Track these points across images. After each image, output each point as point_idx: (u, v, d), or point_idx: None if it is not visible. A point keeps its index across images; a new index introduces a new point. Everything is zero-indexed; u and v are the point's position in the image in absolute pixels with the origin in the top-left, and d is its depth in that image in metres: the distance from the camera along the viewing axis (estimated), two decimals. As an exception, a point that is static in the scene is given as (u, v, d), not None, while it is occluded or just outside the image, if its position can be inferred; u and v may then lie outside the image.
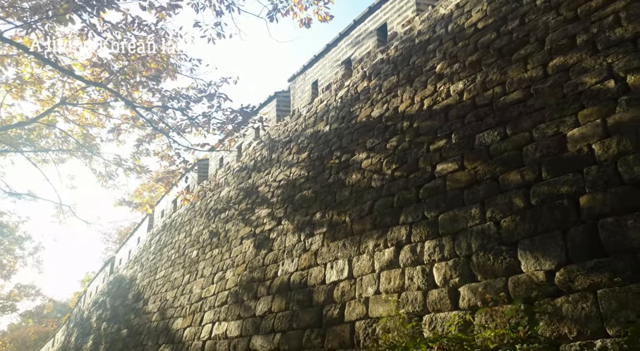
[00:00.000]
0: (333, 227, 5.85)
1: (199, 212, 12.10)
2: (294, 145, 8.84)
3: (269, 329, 5.84)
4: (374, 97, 6.90)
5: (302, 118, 9.32)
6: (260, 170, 9.85)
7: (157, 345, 8.99)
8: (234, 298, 7.23)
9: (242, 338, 6.34)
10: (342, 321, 4.74)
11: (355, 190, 5.88)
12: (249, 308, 6.63)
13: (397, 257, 4.51)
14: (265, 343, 5.72)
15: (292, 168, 8.29)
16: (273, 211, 7.95)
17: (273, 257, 6.93)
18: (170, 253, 12.27)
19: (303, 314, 5.38)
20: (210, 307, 7.85)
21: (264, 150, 10.23)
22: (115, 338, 12.19)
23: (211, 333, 7.26)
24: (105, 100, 10.50)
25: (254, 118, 8.73)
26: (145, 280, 12.94)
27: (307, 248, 6.13)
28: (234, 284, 7.57)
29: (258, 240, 7.76)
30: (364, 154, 6.21)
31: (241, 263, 7.84)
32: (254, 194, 9.31)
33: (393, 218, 4.86)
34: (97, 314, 18.10)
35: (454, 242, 3.99)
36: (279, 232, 7.28)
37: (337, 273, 5.22)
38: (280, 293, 6.11)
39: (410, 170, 5.07)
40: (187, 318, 8.45)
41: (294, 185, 7.83)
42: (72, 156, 12.92)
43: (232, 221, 9.47)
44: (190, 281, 9.58)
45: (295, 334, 5.30)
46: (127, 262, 18.12)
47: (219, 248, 9.25)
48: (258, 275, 6.96)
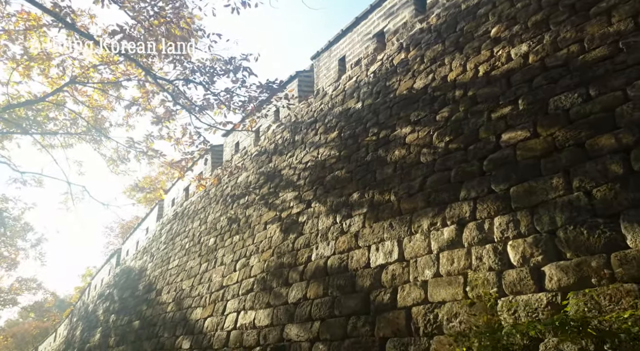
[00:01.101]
0: (375, 207, 5.47)
1: (215, 199, 11.75)
2: (320, 125, 8.45)
3: (305, 317, 5.48)
4: (415, 68, 6.48)
5: (327, 97, 8.91)
6: (282, 153, 9.46)
7: (174, 336, 8.67)
8: (261, 285, 6.87)
9: (273, 327, 5.99)
10: (395, 307, 4.37)
11: (400, 166, 5.48)
12: (279, 295, 6.27)
13: (459, 236, 4.12)
14: (302, 332, 5.37)
15: (320, 149, 7.90)
16: (300, 194, 7.57)
17: (304, 241, 6.56)
18: (183, 242, 11.94)
19: (345, 300, 5.01)
20: (234, 296, 7.51)
21: (286, 133, 9.84)
22: (126, 330, 11.90)
23: (236, 323, 6.92)
24: (117, 80, 10.13)
25: (279, 95, 8.32)
26: (157, 270, 12.63)
27: (345, 231, 5.75)
28: (260, 270, 7.21)
29: (285, 225, 7.39)
30: (407, 128, 5.80)
31: (267, 249, 7.48)
32: (276, 178, 8.93)
33: (451, 194, 4.46)
34: (103, 307, 17.87)
35: (533, 216, 3.59)
36: (309, 214, 6.91)
37: (385, 256, 4.84)
38: (315, 279, 5.74)
39: (468, 142, 4.67)
40: (208, 308, 8.12)
41: (323, 166, 7.44)
42: (80, 140, 12.58)
43: (254, 206, 9.10)
44: (208, 270, 9.24)
45: (338, 322, 4.93)
46: (135, 253, 17.85)
47: (240, 234, 8.89)
48: (288, 261, 6.60)
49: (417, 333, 3.99)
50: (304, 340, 5.29)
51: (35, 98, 9.18)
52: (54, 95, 9.67)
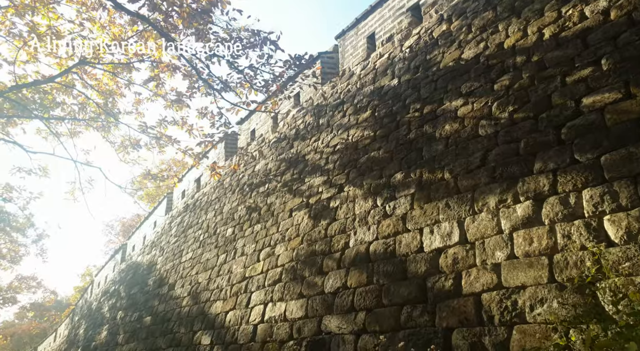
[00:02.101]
0: (425, 187, 5.03)
1: (230, 189, 11.34)
2: (349, 107, 8.01)
3: (347, 307, 5.05)
4: (462, 38, 6.03)
5: (355, 77, 8.47)
6: (305, 138, 9.04)
7: (191, 332, 8.26)
8: (290, 275, 6.45)
9: (308, 319, 5.56)
10: (459, 294, 3.94)
11: (453, 142, 5.04)
12: (313, 285, 5.84)
13: (537, 212, 3.68)
14: (345, 324, 4.94)
15: (350, 130, 7.47)
16: (330, 178, 7.14)
17: (339, 226, 6.13)
18: (197, 233, 11.53)
19: (396, 288, 4.58)
20: (259, 287, 7.09)
21: (308, 117, 9.41)
22: (136, 326, 11.51)
23: (263, 316, 6.50)
24: (129, 61, 9.71)
25: (305, 73, 7.89)
26: (168, 264, 12.23)
27: (389, 214, 5.32)
28: (288, 260, 6.79)
29: (314, 211, 6.96)
30: (458, 101, 5.36)
31: (294, 237, 7.06)
32: (300, 163, 8.50)
33: (523, 167, 4.02)
34: (109, 304, 17.50)
35: (636, 186, 3.15)
36: (342, 199, 6.48)
37: (442, 239, 4.40)
38: (356, 266, 5.31)
39: (539, 110, 4.22)
40: (229, 301, 7.70)
41: (355, 147, 7.00)
42: (88, 128, 12.16)
43: (276, 194, 8.68)
44: (227, 261, 8.83)
45: (389, 312, 4.50)
46: (142, 247, 17.47)
47: (262, 223, 8.47)
48: (321, 248, 6.17)
49: (491, 323, 3.55)
50: (347, 332, 4.86)
51: (43, 79, 8.76)
52: (62, 76, 9.25)
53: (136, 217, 44.88)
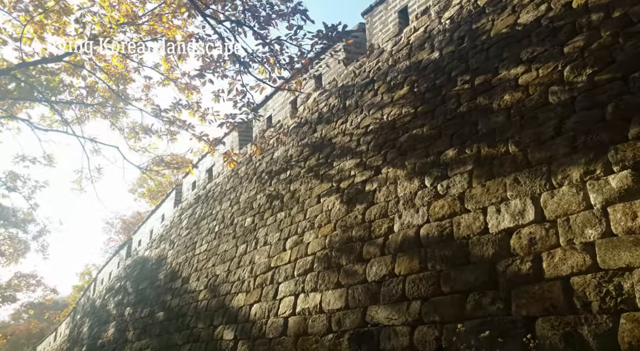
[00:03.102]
0: (485, 163, 4.58)
1: (246, 177, 10.90)
2: (381, 85, 7.55)
3: (396, 296, 4.61)
4: (516, 2, 5.57)
5: (386, 54, 8.01)
6: (330, 121, 8.59)
7: (211, 327, 7.84)
8: (324, 264, 6.01)
9: (350, 310, 5.12)
10: (541, 278, 3.49)
11: (516, 112, 4.58)
12: (353, 273, 5.40)
13: (638, 183, 3.23)
14: (395, 315, 4.50)
15: (384, 109, 7.01)
16: (364, 160, 6.69)
17: (379, 210, 5.68)
18: (211, 225, 11.11)
19: (458, 274, 4.14)
20: (287, 277, 6.66)
21: (333, 99, 8.96)
22: (147, 322, 11.10)
23: (295, 308, 6.07)
24: (142, 39, 9.28)
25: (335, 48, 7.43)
26: (180, 257, 11.82)
27: (442, 194, 4.87)
28: (320, 247, 6.35)
29: (347, 195, 6.52)
30: (518, 68, 4.90)
31: (326, 224, 6.62)
32: (326, 147, 8.06)
33: (613, 133, 3.57)
34: (115, 300, 17.12)
35: None
36: (380, 181, 6.03)
37: (513, 218, 3.95)
38: (405, 252, 4.87)
39: (628, 69, 3.76)
40: (253, 293, 7.28)
41: (392, 126, 6.55)
42: (95, 114, 11.74)
43: (300, 180, 8.24)
44: (248, 252, 8.40)
45: (450, 300, 4.06)
46: (149, 242, 17.07)
47: (285, 211, 8.04)
48: (359, 234, 5.73)
49: (588, 310, 3.11)
50: (399, 324, 4.42)
51: (51, 57, 8.33)
52: (71, 55, 8.82)
53: (137, 214, 44.48)
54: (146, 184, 43.90)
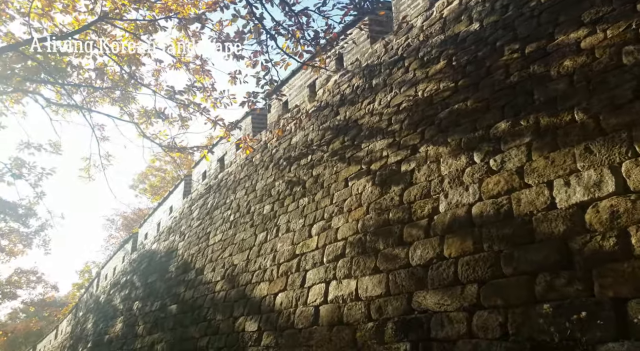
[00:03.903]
0: (546, 133, 4.22)
1: (262, 165, 10.56)
2: (412, 61, 7.19)
3: (447, 280, 4.27)
4: (570, -36, 5.20)
5: (416, 29, 7.64)
6: (354, 102, 8.23)
7: (231, 318, 7.51)
8: (357, 249, 5.67)
9: (392, 296, 4.78)
10: (630, 255, 3.13)
11: (581, 78, 4.22)
12: (393, 257, 5.06)
13: None
14: (448, 300, 4.16)
15: (419, 85, 6.65)
16: (397, 140, 6.34)
17: (419, 191, 5.33)
18: (225, 214, 10.78)
19: (521, 254, 3.79)
20: (315, 264, 6.32)
21: (356, 80, 8.60)
22: (159, 316, 10.80)
23: (326, 296, 5.73)
24: (155, 17, 8.93)
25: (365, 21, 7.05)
26: (193, 248, 11.50)
27: (496, 169, 4.51)
28: (351, 232, 6.01)
29: (379, 177, 6.17)
30: (580, 31, 4.53)
31: (356, 207, 6.27)
32: (352, 129, 7.71)
33: None
34: (121, 295, 16.85)
35: None
36: (418, 160, 5.68)
37: (587, 190, 3.59)
38: (454, 233, 4.52)
39: None
40: (277, 282, 6.95)
41: (429, 103, 6.19)
42: (103, 100, 11.40)
43: (323, 164, 7.90)
44: (268, 240, 8.06)
45: (515, 282, 3.71)
46: (157, 235, 16.78)
47: (308, 196, 7.70)
48: (397, 216, 5.38)
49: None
50: (452, 309, 4.08)
51: (61, 34, 7.99)
52: (80, 32, 8.48)
53: (138, 210, 44.22)
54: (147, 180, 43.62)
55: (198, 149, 9.54)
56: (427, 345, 4.14)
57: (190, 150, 9.49)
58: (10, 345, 49.01)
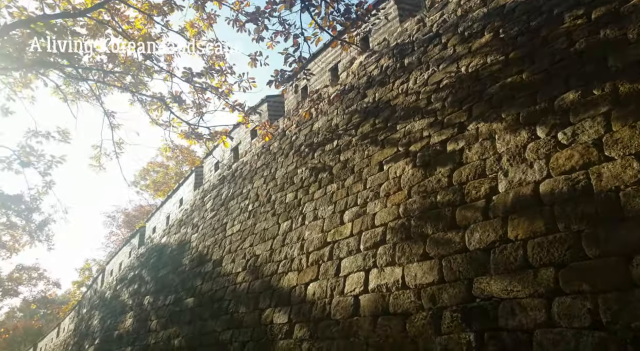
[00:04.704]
0: (627, 101, 3.82)
1: (281, 153, 10.18)
2: (450, 37, 6.79)
3: (515, 264, 3.89)
4: None
5: (452, 4, 7.23)
6: (384, 83, 7.84)
7: (256, 310, 7.14)
8: (400, 235, 5.29)
9: (447, 283, 4.41)
10: None
11: (667, 38, 3.83)
12: (446, 242, 4.68)
13: None
14: (518, 285, 3.77)
15: (461, 61, 6.25)
16: (440, 118, 5.95)
17: (471, 171, 4.95)
18: (243, 204, 10.40)
19: (609, 233, 3.40)
20: (351, 252, 5.94)
21: (384, 60, 8.20)
22: (174, 310, 10.44)
23: (366, 285, 5.36)
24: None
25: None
26: (208, 240, 11.13)
27: (566, 143, 4.12)
28: (392, 217, 5.63)
29: (421, 159, 5.79)
30: (660, -9, 4.14)
31: (395, 192, 5.89)
32: (383, 111, 7.32)
33: None
34: (129, 290, 16.52)
35: None
36: (467, 139, 5.29)
37: (687, 159, 3.21)
38: (519, 213, 4.14)
39: None
40: (307, 271, 6.57)
41: (475, 78, 5.80)
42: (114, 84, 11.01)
43: (352, 148, 7.51)
44: (293, 228, 7.69)
45: (602, 265, 3.33)
46: (166, 228, 16.42)
47: (337, 182, 7.32)
48: (447, 199, 5.00)
49: None
50: (525, 296, 3.70)
51: (74, 11, 7.60)
52: (94, 11, 8.09)
53: (139, 207, 43.84)
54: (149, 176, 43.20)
55: (217, 134, 9.11)
56: (494, 335, 3.76)
57: (208, 136, 9.08)
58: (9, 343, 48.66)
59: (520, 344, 3.53)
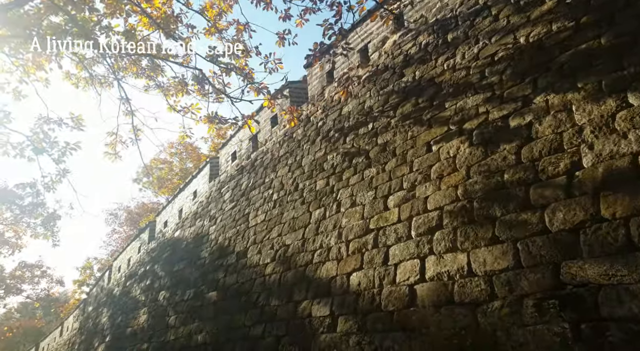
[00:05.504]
0: None
1: (306, 140, 9.75)
2: (502, 7, 6.32)
3: (615, 246, 3.44)
4: None
5: (502, -25, 6.79)
6: (424, 61, 7.39)
7: (291, 303, 6.73)
8: (461, 218, 4.86)
9: (526, 269, 3.97)
10: None
11: None
12: (520, 223, 4.24)
13: None
14: (623, 269, 3.33)
15: (518, 31, 5.79)
16: (499, 93, 5.50)
17: (545, 145, 4.50)
18: (266, 194, 9.98)
19: None
20: (400, 239, 5.51)
21: (422, 37, 7.74)
22: (194, 304, 10.05)
23: (423, 273, 4.93)
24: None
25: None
26: (229, 231, 10.72)
27: (668, 108, 3.68)
28: (448, 200, 5.20)
29: (479, 136, 5.35)
30: None
31: (450, 173, 5.45)
32: (427, 89, 6.87)
33: None
34: (141, 286, 16.16)
35: None
36: (536, 112, 4.84)
37: None
38: (613, 189, 3.68)
39: None
40: (347, 260, 6.15)
41: (538, 47, 5.34)
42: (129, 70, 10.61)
43: (392, 130, 7.07)
44: (328, 216, 7.26)
45: None
46: (179, 222, 16.03)
47: (376, 167, 6.88)
48: (516, 177, 4.56)
49: None
50: (632, 281, 3.25)
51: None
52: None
53: (142, 205, 43.47)
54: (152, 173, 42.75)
55: (243, 118, 8.67)
56: (596, 325, 3.33)
57: (234, 120, 8.65)
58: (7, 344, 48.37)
59: (633, 336, 3.09)
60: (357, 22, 9.01)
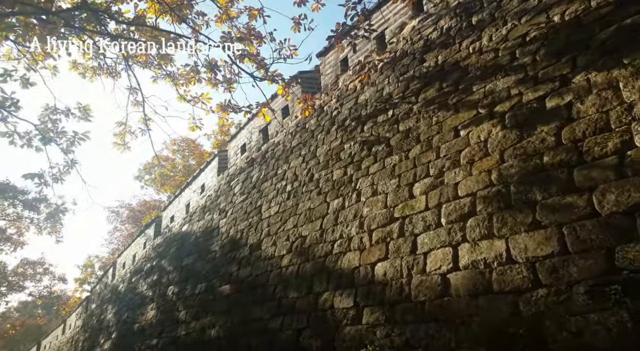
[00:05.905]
0: None
1: (320, 130, 9.52)
2: (533, -13, 6.10)
3: (679, 228, 3.22)
4: None
5: (530, -46, 6.54)
6: (447, 45, 7.15)
7: (311, 295, 6.52)
8: (497, 203, 4.63)
9: (574, 255, 3.74)
10: None
11: None
12: (564, 207, 4.00)
13: None
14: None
15: (551, 10, 5.54)
16: (532, 73, 5.26)
17: (588, 126, 4.27)
18: (279, 185, 9.76)
19: None
20: (429, 227, 5.29)
21: (443, 21, 7.50)
22: (205, 298, 9.84)
23: (456, 261, 4.71)
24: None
25: None
26: (240, 224, 10.50)
27: None
28: (481, 186, 4.97)
29: (512, 119, 5.11)
30: None
31: (481, 157, 5.22)
32: (451, 73, 6.63)
33: None
34: (148, 281, 15.98)
35: None
36: (577, 91, 4.60)
37: None
38: (672, 168, 3.47)
39: None
40: (371, 250, 5.93)
41: (575, 25, 5.10)
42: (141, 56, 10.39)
43: (414, 116, 6.84)
44: (347, 206, 7.04)
45: None
46: (186, 216, 15.83)
47: (398, 154, 6.65)
48: (557, 159, 4.33)
49: None
50: (699, 265, 3.04)
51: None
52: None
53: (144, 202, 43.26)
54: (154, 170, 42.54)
55: (258, 105, 8.44)
56: (658, 312, 3.10)
57: (248, 108, 8.42)
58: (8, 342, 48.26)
59: None
60: (374, 7, 8.76)
